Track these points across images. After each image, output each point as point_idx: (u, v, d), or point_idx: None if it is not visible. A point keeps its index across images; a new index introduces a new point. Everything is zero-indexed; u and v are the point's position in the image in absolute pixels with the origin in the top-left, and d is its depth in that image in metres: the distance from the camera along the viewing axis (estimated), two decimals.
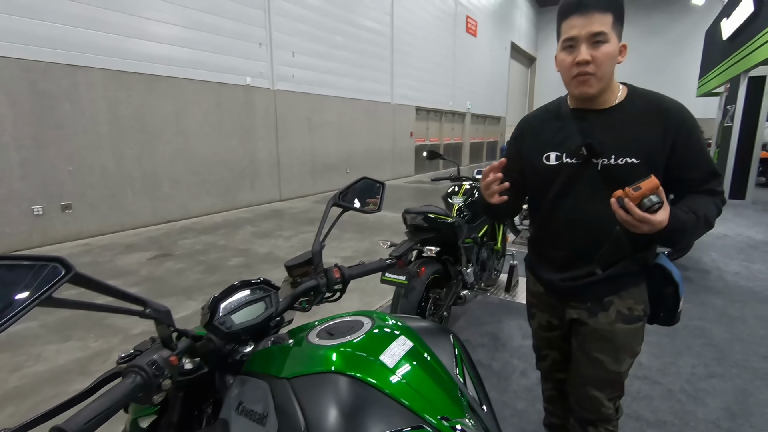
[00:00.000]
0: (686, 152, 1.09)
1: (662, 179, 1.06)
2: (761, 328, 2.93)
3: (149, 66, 5.80)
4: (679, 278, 1.22)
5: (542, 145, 1.22)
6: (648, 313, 1.24)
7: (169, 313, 0.65)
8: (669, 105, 1.12)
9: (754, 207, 7.70)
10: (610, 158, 1.11)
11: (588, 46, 1.05)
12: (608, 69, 1.07)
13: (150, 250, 4.84)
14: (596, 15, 1.03)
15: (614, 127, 1.12)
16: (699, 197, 1.11)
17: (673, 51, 20.24)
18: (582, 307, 1.24)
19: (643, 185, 0.94)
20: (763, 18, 6.78)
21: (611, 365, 1.22)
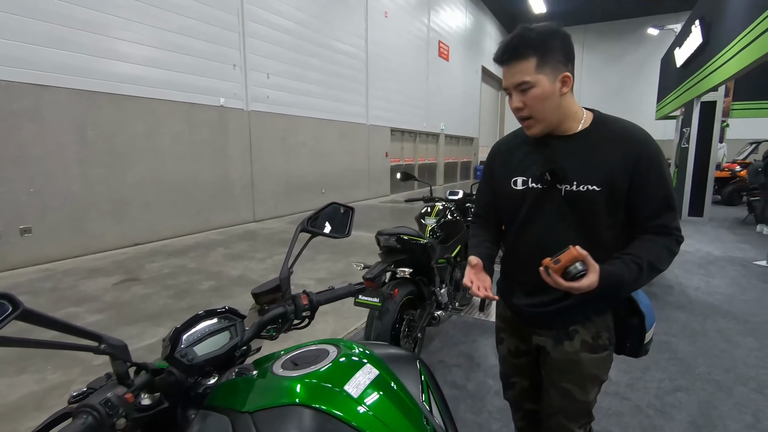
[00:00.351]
0: (643, 184, 1.08)
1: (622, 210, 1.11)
2: (721, 341, 3.06)
3: (119, 86, 5.70)
4: (647, 308, 1.21)
5: (510, 169, 1.24)
6: (614, 343, 1.22)
7: (125, 348, 0.63)
8: (632, 134, 1.12)
9: (711, 224, 8.10)
10: (572, 184, 1.11)
11: (517, 93, 1.09)
12: (543, 109, 1.09)
13: (116, 274, 4.66)
14: (517, 65, 1.06)
15: (577, 154, 1.12)
16: (649, 241, 1.09)
17: (632, 77, 21.42)
18: (548, 334, 1.24)
19: (562, 257, 0.97)
20: (711, 48, 7.30)
21: (579, 395, 1.20)
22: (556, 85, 1.08)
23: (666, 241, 1.08)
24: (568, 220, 1.13)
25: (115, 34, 5.62)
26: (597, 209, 1.10)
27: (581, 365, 1.18)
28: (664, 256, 1.07)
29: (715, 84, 6.95)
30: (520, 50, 1.06)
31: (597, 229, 1.12)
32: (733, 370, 2.63)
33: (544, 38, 1.05)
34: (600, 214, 1.11)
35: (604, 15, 20.86)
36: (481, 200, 1.39)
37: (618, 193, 1.09)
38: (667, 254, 1.08)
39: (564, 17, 21.17)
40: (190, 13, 6.57)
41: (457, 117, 18.31)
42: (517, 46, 1.06)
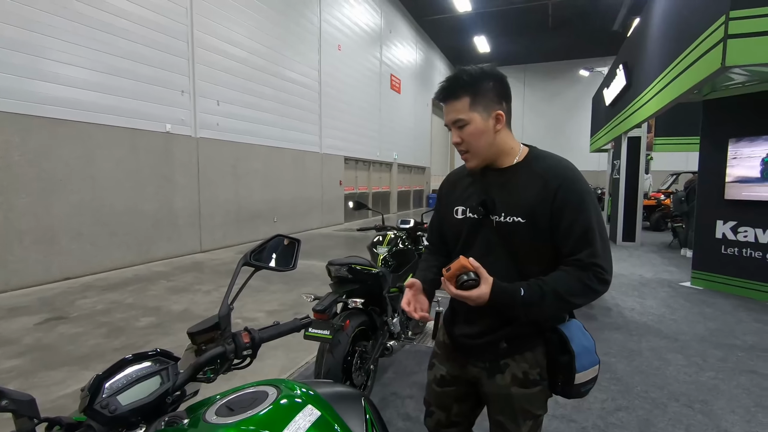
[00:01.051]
0: (561, 218, 1.10)
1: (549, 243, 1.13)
2: (655, 359, 3.25)
3: (52, 109, 5.36)
4: (582, 349, 1.15)
5: (453, 199, 1.30)
6: (545, 378, 1.19)
7: (31, 403, 0.57)
8: (557, 170, 1.14)
9: (642, 248, 8.75)
10: (501, 215, 1.15)
11: (455, 129, 1.17)
12: (478, 144, 1.16)
13: (40, 313, 4.23)
14: (453, 103, 1.15)
15: (507, 187, 1.17)
16: (563, 272, 1.10)
17: (568, 112, 23.24)
18: (481, 366, 1.24)
19: (452, 266, 1.04)
20: (634, 89, 8.10)
21: (512, 428, 1.20)
22: (490, 123, 1.15)
23: (581, 275, 1.07)
24: (499, 249, 1.17)
25: (51, 56, 5.32)
26: (523, 240, 1.13)
27: (512, 399, 1.18)
28: (576, 288, 1.07)
29: (638, 121, 7.68)
30: (455, 90, 1.14)
31: (524, 261, 1.15)
32: (666, 387, 2.80)
33: (476, 80, 1.13)
34: (526, 245, 1.14)
35: (541, 56, 22.66)
36: (433, 228, 1.43)
37: (541, 226, 1.11)
38: (580, 287, 1.07)
39: (506, 57, 22.76)
40: (136, 38, 6.39)
41: (410, 147, 18.84)
42: (452, 86, 1.14)
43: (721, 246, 5.34)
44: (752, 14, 3.70)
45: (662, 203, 11.92)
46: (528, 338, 1.18)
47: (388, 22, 16.03)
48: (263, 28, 9.23)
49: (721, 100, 5.41)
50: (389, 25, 16.19)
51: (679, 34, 5.24)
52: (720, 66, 3.86)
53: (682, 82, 5.00)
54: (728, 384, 2.86)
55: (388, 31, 16.08)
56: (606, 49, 19.48)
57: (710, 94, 5.52)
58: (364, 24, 14.14)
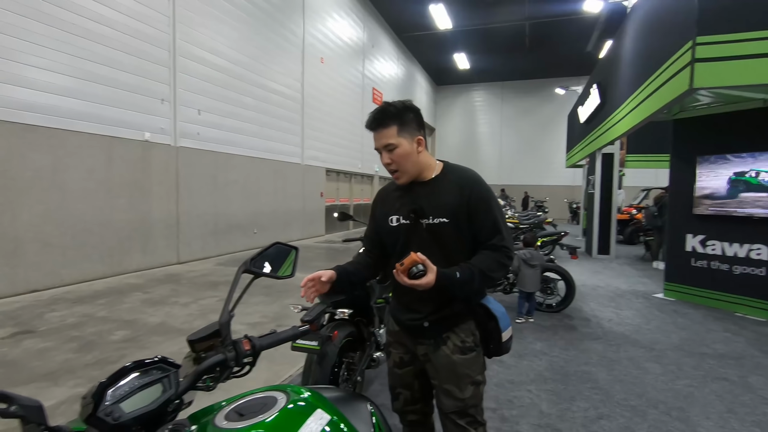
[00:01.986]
0: (476, 214, 1.40)
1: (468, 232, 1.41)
2: (633, 368, 3.33)
3: (20, 114, 5.16)
4: (500, 313, 1.50)
5: (387, 210, 1.53)
6: (479, 345, 1.49)
7: (40, 409, 0.55)
8: (467, 178, 1.45)
9: (617, 261, 9.01)
10: (429, 218, 1.41)
11: (386, 153, 1.41)
12: (406, 164, 1.41)
13: (4, 326, 4.01)
14: (383, 131, 1.39)
15: (430, 195, 1.44)
16: (483, 254, 1.39)
17: (544, 128, 23.89)
18: (427, 343, 1.48)
19: (405, 261, 1.26)
20: (608, 108, 8.44)
21: (457, 393, 1.44)
22: (413, 146, 1.41)
23: (496, 255, 1.39)
24: (431, 246, 1.40)
25: (23, 60, 5.16)
26: (449, 236, 1.41)
27: (455, 366, 1.44)
28: (494, 266, 1.38)
29: (612, 138, 7.98)
30: (385, 120, 1.39)
31: (452, 252, 1.41)
32: (645, 395, 2.87)
33: (401, 111, 1.39)
34: (452, 239, 1.41)
35: (519, 74, 23.34)
36: (368, 236, 1.67)
37: (461, 223, 1.40)
38: (497, 265, 1.38)
39: (485, 74, 23.35)
40: (116, 44, 6.27)
41: None
42: (383, 117, 1.39)
43: (691, 258, 5.56)
44: (718, 40, 3.94)
45: (635, 217, 12.31)
46: (460, 315, 1.46)
47: (371, 37, 16.25)
48: (246, 38, 9.22)
49: (689, 120, 5.69)
50: (372, 39, 16.42)
51: (649, 57, 5.51)
52: (688, 88, 4.07)
53: (652, 102, 5.24)
54: (702, 391, 2.95)
55: (370, 45, 16.29)
56: (580, 69, 20.24)
57: (679, 113, 5.80)
58: (347, 38, 14.30)
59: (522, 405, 2.69)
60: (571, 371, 3.24)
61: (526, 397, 2.80)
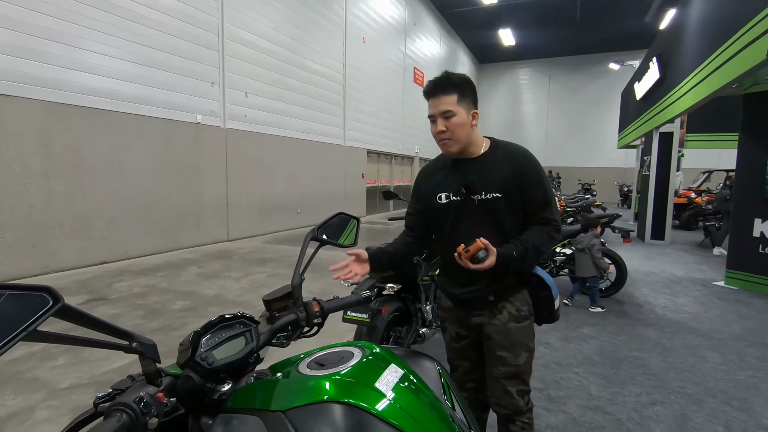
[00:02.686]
0: (527, 187, 1.43)
1: (520, 206, 1.45)
2: (690, 356, 3.19)
3: (90, 99, 5.55)
4: (551, 283, 1.58)
5: (434, 188, 1.54)
6: (532, 313, 1.55)
7: (155, 348, 0.62)
8: (518, 153, 1.47)
9: (672, 247, 8.52)
10: (482, 194, 1.44)
11: (442, 120, 1.40)
12: (462, 133, 1.41)
13: (80, 294, 4.41)
14: (442, 97, 1.39)
15: (481, 171, 1.45)
16: (535, 229, 1.44)
17: (594, 107, 22.63)
18: (483, 313, 1.53)
19: (471, 248, 1.30)
20: (668, 83, 7.86)
21: (511, 360, 1.49)
22: (469, 118, 1.42)
23: (547, 229, 1.44)
24: (483, 222, 1.45)
25: (88, 47, 5.50)
26: (501, 210, 1.44)
27: (510, 333, 1.49)
28: (545, 239, 1.43)
29: (671, 116, 7.45)
30: (447, 87, 1.39)
31: (504, 226, 1.45)
32: (703, 384, 2.74)
33: (462, 82, 1.41)
34: (504, 213, 1.44)
35: (568, 49, 22.12)
36: (411, 214, 1.66)
37: (513, 197, 1.43)
38: (547, 238, 1.44)
39: (531, 50, 22.33)
40: (169, 30, 6.54)
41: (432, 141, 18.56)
42: (444, 83, 1.40)
43: (759, 245, 5.17)
44: None
45: (693, 201, 11.54)
46: (514, 286, 1.52)
47: (412, 15, 15.92)
48: (290, 20, 9.30)
49: (763, 94, 5.21)
50: (414, 17, 16.07)
51: (720, 25, 5.06)
52: (765, 57, 3.72)
53: (722, 74, 4.83)
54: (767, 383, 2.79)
55: (412, 23, 15.97)
56: (636, 42, 18.90)
57: (751, 87, 5.32)
58: (389, 16, 14.09)
59: (569, 387, 2.66)
60: (622, 356, 3.15)
61: (574, 379, 2.76)
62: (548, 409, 2.38)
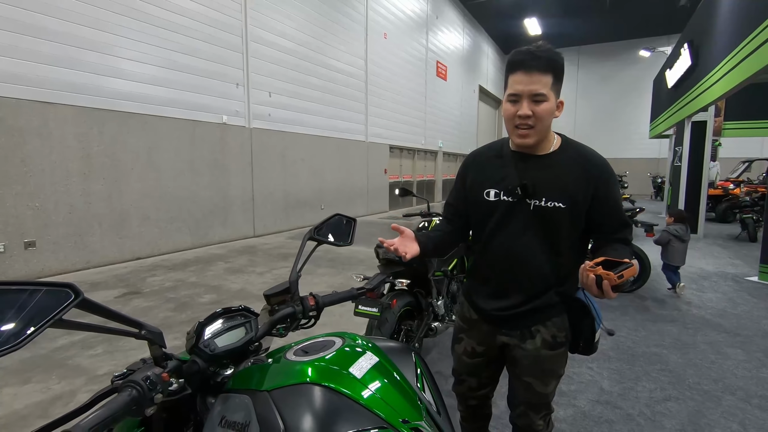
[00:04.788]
0: (605, 204, 1.23)
1: (581, 224, 1.25)
2: (711, 353, 3.13)
3: (123, 103, 5.85)
4: (597, 311, 1.32)
5: (483, 181, 1.34)
6: (569, 341, 1.35)
7: (161, 335, 0.72)
8: (595, 160, 1.25)
9: (705, 240, 8.21)
10: (541, 200, 1.23)
11: (529, 102, 1.16)
12: (546, 123, 1.19)
13: (117, 288, 4.71)
14: (538, 75, 1.14)
15: (546, 173, 1.24)
16: (620, 247, 1.21)
17: (624, 96, 21.86)
18: (513, 334, 1.35)
19: (625, 273, 0.99)
20: (700, 70, 7.54)
21: (539, 387, 1.34)
22: (555, 107, 1.20)
23: (630, 249, 1.25)
24: (535, 231, 1.25)
25: (120, 54, 5.80)
26: (562, 223, 1.23)
27: (541, 361, 1.32)
28: None
29: (704, 105, 7.16)
30: (545, 65, 1.14)
31: (559, 241, 1.25)
32: (722, 381, 2.70)
33: (561, 64, 1.18)
34: (564, 228, 1.24)
35: (597, 37, 21.41)
36: (451, 204, 1.48)
37: (579, 211, 1.22)
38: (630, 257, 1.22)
39: (558, 39, 21.73)
40: (195, 34, 6.79)
41: (455, 135, 18.60)
42: (544, 59, 1.14)
43: None
44: None
45: (730, 192, 11.03)
46: (553, 307, 1.30)
47: (434, 8, 15.79)
48: (311, 19, 9.45)
49: None
50: (436, 10, 15.95)
51: (753, 7, 4.83)
52: None
53: (758, 58, 4.63)
54: None
55: (434, 16, 15.85)
56: (670, 27, 18.09)
57: None
58: (410, 11, 14.04)
59: (581, 381, 2.67)
60: (639, 352, 3.12)
61: (587, 374, 2.77)
62: (557, 403, 2.41)
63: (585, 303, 1.31)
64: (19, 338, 0.52)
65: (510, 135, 1.28)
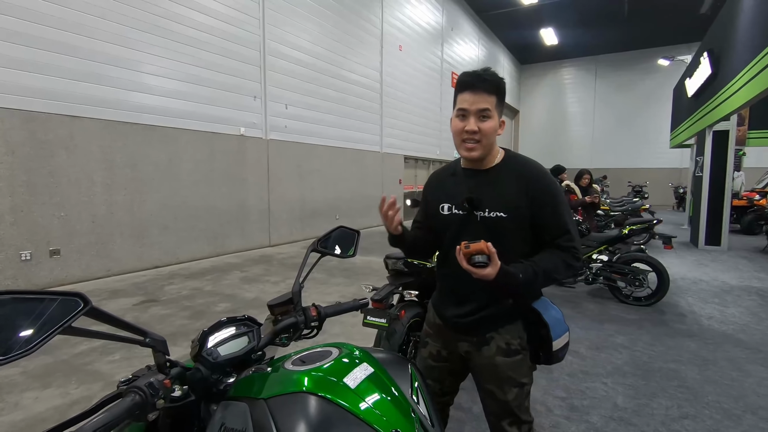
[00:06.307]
0: (540, 211, 1.30)
1: (528, 230, 1.32)
2: (732, 370, 3.02)
3: (145, 117, 6.06)
4: (554, 320, 1.35)
5: (439, 197, 1.45)
6: (526, 348, 1.38)
7: (165, 343, 0.76)
8: (533, 170, 1.34)
9: (729, 253, 7.96)
10: (485, 211, 1.32)
11: (476, 119, 1.28)
12: (490, 139, 1.30)
13: (136, 295, 4.83)
14: (484, 95, 1.27)
15: (490, 186, 1.34)
16: (549, 253, 1.30)
17: (643, 105, 21.46)
18: (470, 341, 1.41)
19: (472, 246, 1.15)
20: (721, 78, 7.40)
21: (500, 395, 1.37)
22: (498, 125, 1.32)
23: (564, 256, 1.29)
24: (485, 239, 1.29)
25: (144, 69, 6.02)
26: (505, 232, 1.30)
27: (497, 368, 1.36)
28: (560, 267, 1.29)
29: (725, 114, 7.00)
30: (490, 86, 1.28)
31: (508, 250, 1.27)
32: (742, 399, 2.61)
33: (503, 87, 1.32)
34: (508, 236, 1.31)
35: (615, 45, 21.18)
36: (418, 220, 1.61)
37: (521, 219, 1.30)
38: (563, 266, 1.29)
39: (575, 49, 21.60)
40: (214, 49, 7.01)
41: None
42: (490, 80, 1.28)
43: None
44: None
45: (755, 203, 10.69)
46: (508, 314, 1.37)
47: (449, 20, 15.92)
48: (328, 32, 9.64)
49: None
50: (451, 22, 16.07)
51: None
52: None
53: None
54: None
55: (449, 28, 15.97)
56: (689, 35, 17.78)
57: None
58: (426, 23, 14.19)
59: (595, 396, 2.62)
60: (655, 368, 3.04)
61: (601, 389, 2.72)
62: (569, 418, 2.37)
63: (540, 314, 1.35)
64: (30, 344, 0.56)
65: (458, 149, 1.37)
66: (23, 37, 4.77)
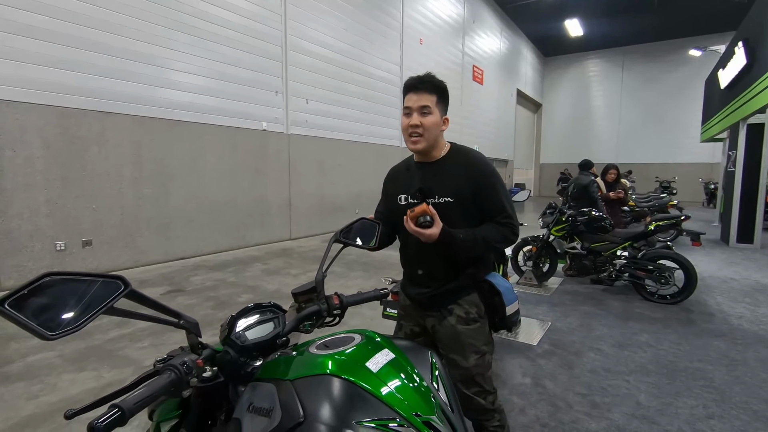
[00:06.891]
0: (481, 193, 1.49)
1: (475, 212, 1.50)
2: (763, 371, 2.93)
3: (173, 112, 6.23)
4: (504, 288, 1.56)
5: (396, 189, 1.64)
6: (483, 316, 1.57)
7: (197, 325, 0.80)
8: (475, 161, 1.53)
9: (762, 251, 7.67)
10: (435, 198, 1.50)
11: (419, 114, 1.46)
12: (432, 133, 1.48)
13: (162, 285, 5.00)
14: (425, 95, 1.46)
15: (438, 176, 1.52)
16: (489, 225, 1.50)
17: (672, 97, 20.72)
18: (435, 315, 1.59)
19: (416, 209, 1.34)
20: (757, 69, 7.09)
21: (461, 362, 1.52)
22: (440, 121, 1.51)
23: (501, 229, 1.49)
24: None
25: (171, 66, 6.18)
26: (454, 215, 1.47)
27: (459, 335, 1.53)
28: (498, 237, 1.48)
29: (760, 106, 6.72)
30: (431, 86, 1.48)
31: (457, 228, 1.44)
32: None
33: (443, 88, 1.51)
34: (458, 218, 1.47)
35: (644, 36, 20.48)
36: (380, 212, 1.78)
37: (466, 202, 1.49)
38: (500, 236, 1.48)
39: (602, 40, 21.00)
40: (238, 45, 7.12)
41: (492, 139, 18.32)
42: (430, 82, 1.48)
43: None
44: None
45: None
46: (465, 288, 1.56)
47: (471, 12, 15.70)
48: (348, 27, 9.66)
49: None
50: (473, 15, 15.85)
51: None
52: None
53: None
54: None
55: (471, 21, 15.76)
56: (723, 24, 17.04)
57: None
58: (447, 16, 14.03)
59: (617, 394, 2.58)
60: (681, 367, 2.98)
61: (623, 387, 2.68)
62: (590, 415, 2.35)
63: (492, 283, 1.56)
64: (78, 322, 0.60)
65: (406, 143, 1.55)
66: (60, 36, 4.96)
